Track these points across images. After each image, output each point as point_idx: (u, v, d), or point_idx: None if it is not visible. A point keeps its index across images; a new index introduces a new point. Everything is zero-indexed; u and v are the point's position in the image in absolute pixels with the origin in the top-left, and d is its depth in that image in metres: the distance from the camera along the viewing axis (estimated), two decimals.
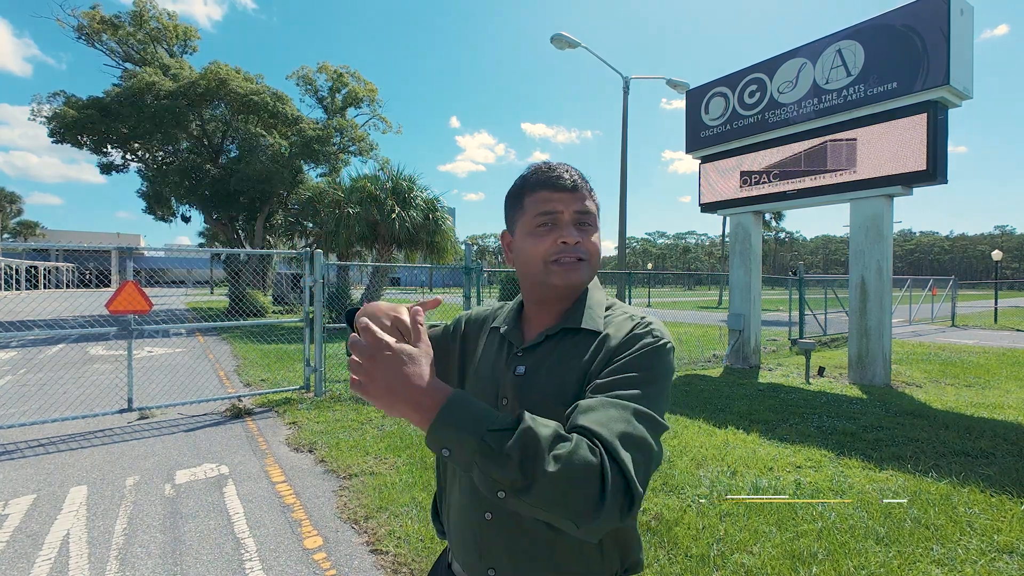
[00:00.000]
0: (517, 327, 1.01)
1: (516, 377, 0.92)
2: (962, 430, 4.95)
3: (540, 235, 0.92)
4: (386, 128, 24.97)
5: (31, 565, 2.74)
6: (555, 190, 0.92)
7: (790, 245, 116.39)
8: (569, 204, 0.92)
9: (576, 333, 0.92)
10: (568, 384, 0.87)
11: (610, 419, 0.71)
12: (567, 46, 11.94)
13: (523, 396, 0.90)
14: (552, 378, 0.89)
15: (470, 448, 0.64)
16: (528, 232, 0.94)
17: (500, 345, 1.01)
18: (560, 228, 0.92)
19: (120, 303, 5.27)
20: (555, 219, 0.92)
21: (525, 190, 0.96)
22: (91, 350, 10.44)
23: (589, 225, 0.94)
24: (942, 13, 6.41)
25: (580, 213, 0.93)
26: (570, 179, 0.93)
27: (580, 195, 0.94)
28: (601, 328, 0.91)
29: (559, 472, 0.62)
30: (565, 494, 0.62)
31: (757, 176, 8.58)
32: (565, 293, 0.95)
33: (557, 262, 0.91)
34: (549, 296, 0.97)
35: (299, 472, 4.06)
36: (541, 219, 0.92)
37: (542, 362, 0.92)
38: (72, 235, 57.96)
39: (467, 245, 7.72)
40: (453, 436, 0.64)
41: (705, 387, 7.12)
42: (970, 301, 32.07)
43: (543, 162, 0.98)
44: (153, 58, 19.79)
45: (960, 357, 9.79)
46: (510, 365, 0.95)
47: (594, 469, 0.64)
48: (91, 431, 5.05)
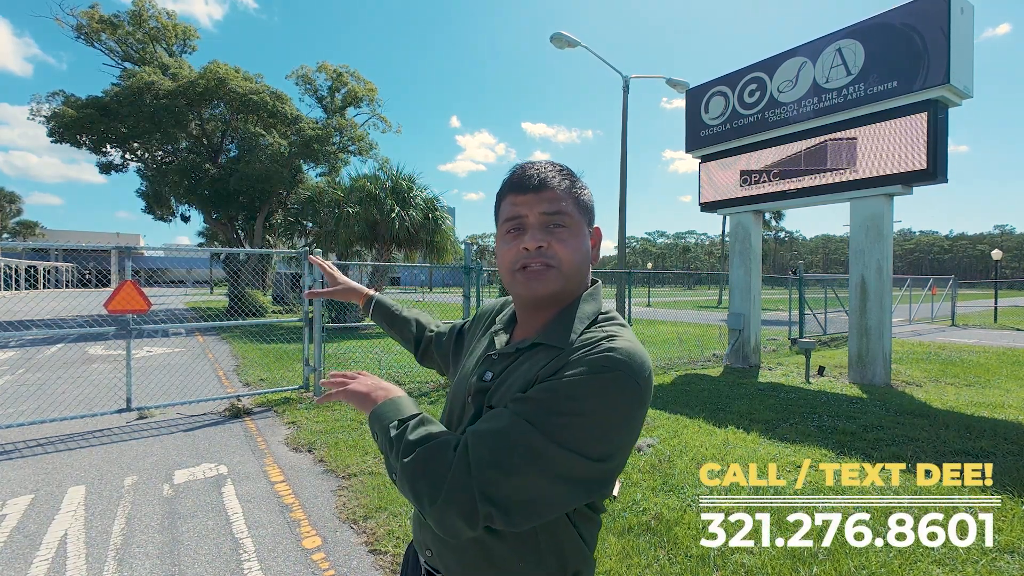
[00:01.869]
0: (508, 331, 0.99)
1: (481, 382, 0.90)
2: (962, 429, 4.94)
3: (507, 242, 0.88)
4: (386, 128, 24.95)
5: (29, 565, 2.73)
6: (520, 192, 0.86)
7: (790, 244, 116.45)
8: (534, 206, 0.85)
9: (546, 347, 0.85)
10: (511, 395, 0.84)
11: (482, 425, 0.77)
12: (567, 45, 11.93)
13: (480, 402, 0.88)
14: (510, 390, 0.84)
15: (381, 437, 0.82)
16: (500, 237, 0.90)
17: (488, 345, 1.00)
18: (525, 233, 0.85)
19: (118, 303, 5.25)
20: (521, 223, 0.86)
21: (500, 194, 0.92)
22: (90, 350, 10.43)
23: (561, 227, 0.85)
24: (942, 12, 6.40)
25: (548, 214, 0.84)
26: (537, 178, 0.86)
27: (548, 194, 0.85)
28: (567, 344, 0.82)
29: (409, 461, 0.74)
30: (413, 483, 0.73)
31: (757, 175, 8.57)
32: (535, 303, 0.89)
33: (524, 270, 0.85)
34: (525, 305, 0.92)
35: (298, 472, 4.05)
36: (508, 225, 0.88)
37: (510, 372, 0.87)
38: (71, 235, 57.94)
39: (467, 245, 7.71)
40: (376, 426, 0.84)
41: (705, 387, 7.11)
42: (970, 300, 32.06)
43: (523, 163, 0.92)
44: (152, 57, 19.76)
45: (960, 356, 9.78)
46: (482, 369, 0.93)
47: (440, 463, 0.73)
48: (89, 431, 5.03)
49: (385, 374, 7.64)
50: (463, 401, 0.94)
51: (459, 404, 0.96)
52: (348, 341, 11.79)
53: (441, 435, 0.77)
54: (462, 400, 0.95)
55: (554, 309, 0.89)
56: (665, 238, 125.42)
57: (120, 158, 19.97)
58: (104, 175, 20.47)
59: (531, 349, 0.87)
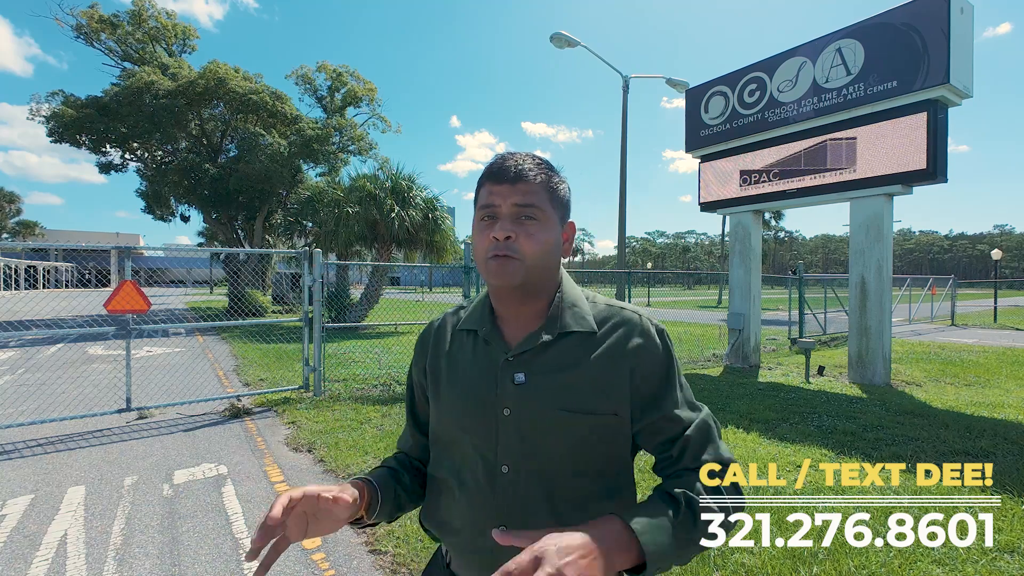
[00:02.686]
0: (496, 329, 0.94)
1: (516, 386, 0.88)
2: (962, 429, 4.94)
3: (480, 230, 0.89)
4: (385, 127, 24.94)
5: (28, 565, 2.72)
6: (496, 182, 0.87)
7: (790, 244, 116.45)
8: (508, 196, 0.86)
9: (569, 335, 0.89)
10: (575, 390, 0.86)
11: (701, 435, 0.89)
12: (566, 45, 11.92)
13: (526, 405, 0.87)
14: (554, 385, 0.87)
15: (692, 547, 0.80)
16: (475, 225, 0.91)
17: (482, 349, 0.94)
18: (496, 222, 0.87)
19: (118, 302, 5.25)
20: (494, 212, 0.87)
21: (480, 181, 0.92)
22: (90, 350, 10.42)
23: (531, 219, 0.86)
24: (942, 11, 6.39)
25: (519, 206, 0.86)
26: (514, 169, 0.87)
27: (523, 186, 0.86)
28: (594, 327, 0.90)
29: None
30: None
31: (757, 175, 8.56)
32: (505, 293, 0.91)
33: (495, 258, 0.86)
34: (500, 294, 0.92)
35: (298, 472, 4.04)
36: (482, 213, 0.89)
37: (540, 368, 0.88)
38: (71, 235, 57.93)
39: (466, 244, 7.71)
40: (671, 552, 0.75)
41: (705, 386, 7.11)
42: (969, 300, 32.07)
43: (504, 153, 0.92)
44: (152, 57, 19.74)
45: (960, 356, 9.78)
46: (505, 372, 0.89)
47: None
48: (89, 431, 5.03)
49: (386, 374, 7.64)
50: (494, 415, 0.89)
51: (483, 415, 0.90)
52: (348, 341, 11.79)
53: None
54: (491, 415, 0.89)
55: (543, 299, 0.92)
56: (665, 238, 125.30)
57: (120, 158, 19.94)
58: (104, 175, 20.47)
59: (557, 340, 0.90)
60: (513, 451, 0.87)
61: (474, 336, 0.96)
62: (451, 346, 0.99)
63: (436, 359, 1.00)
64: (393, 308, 16.36)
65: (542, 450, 0.87)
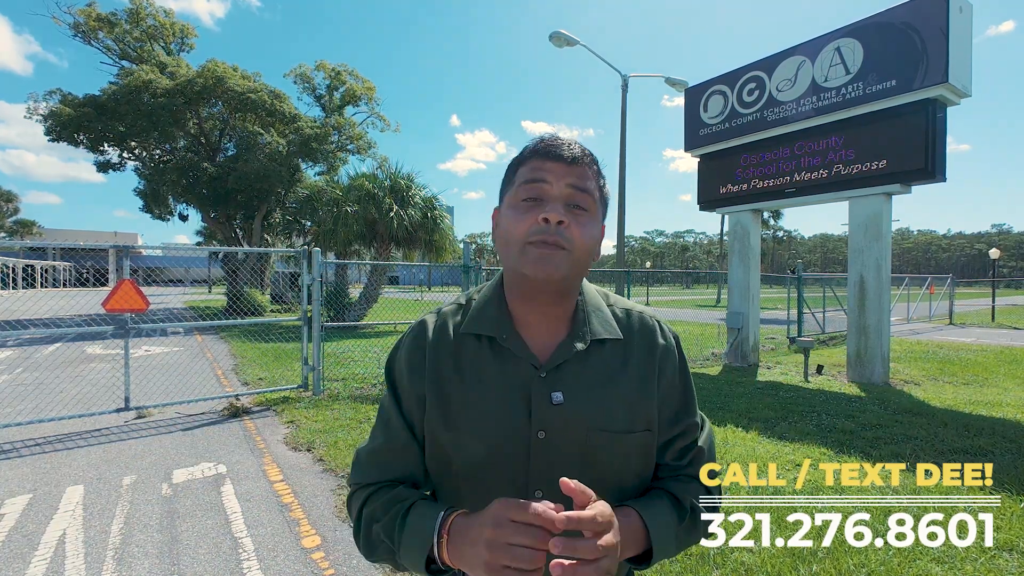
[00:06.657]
0: (517, 335, 0.82)
1: (555, 407, 0.78)
2: (960, 428, 4.94)
3: (523, 210, 0.77)
4: (384, 126, 24.94)
5: (27, 565, 2.72)
6: (549, 159, 0.77)
7: (788, 244, 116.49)
8: (563, 176, 0.76)
9: (600, 344, 0.82)
10: (613, 408, 0.80)
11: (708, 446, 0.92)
12: (565, 44, 11.92)
13: (566, 428, 0.78)
14: (592, 403, 0.79)
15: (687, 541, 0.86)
16: (511, 205, 0.79)
17: (505, 362, 0.81)
18: (546, 204, 0.76)
19: (116, 302, 5.24)
20: (542, 191, 0.76)
21: (520, 159, 0.82)
22: (88, 349, 10.40)
23: (582, 208, 0.78)
24: (941, 11, 6.40)
25: (575, 188, 0.77)
26: (569, 152, 0.78)
27: (579, 169, 0.78)
28: (619, 334, 0.84)
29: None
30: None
31: (756, 174, 8.56)
32: (544, 288, 0.77)
33: (535, 244, 0.74)
34: (532, 291, 0.79)
35: (297, 471, 4.04)
36: (527, 190, 0.77)
37: (577, 384, 0.80)
38: (69, 234, 57.76)
39: (466, 244, 7.69)
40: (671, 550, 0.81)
41: (704, 385, 7.11)
42: (968, 299, 32.11)
43: (552, 133, 0.83)
44: (150, 56, 19.69)
45: (958, 355, 9.80)
46: (540, 391, 0.78)
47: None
48: (88, 430, 5.02)
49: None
50: (526, 439, 0.78)
51: (514, 441, 0.78)
52: (347, 340, 11.78)
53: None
54: (523, 436, 0.78)
55: (563, 297, 0.81)
56: (664, 237, 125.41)
57: (118, 157, 19.91)
58: (102, 174, 20.46)
59: (589, 350, 0.82)
60: (548, 476, 0.77)
61: (490, 343, 0.82)
62: (460, 355, 0.83)
63: (440, 371, 0.83)
64: (392, 307, 16.35)
65: (581, 474, 0.72)
